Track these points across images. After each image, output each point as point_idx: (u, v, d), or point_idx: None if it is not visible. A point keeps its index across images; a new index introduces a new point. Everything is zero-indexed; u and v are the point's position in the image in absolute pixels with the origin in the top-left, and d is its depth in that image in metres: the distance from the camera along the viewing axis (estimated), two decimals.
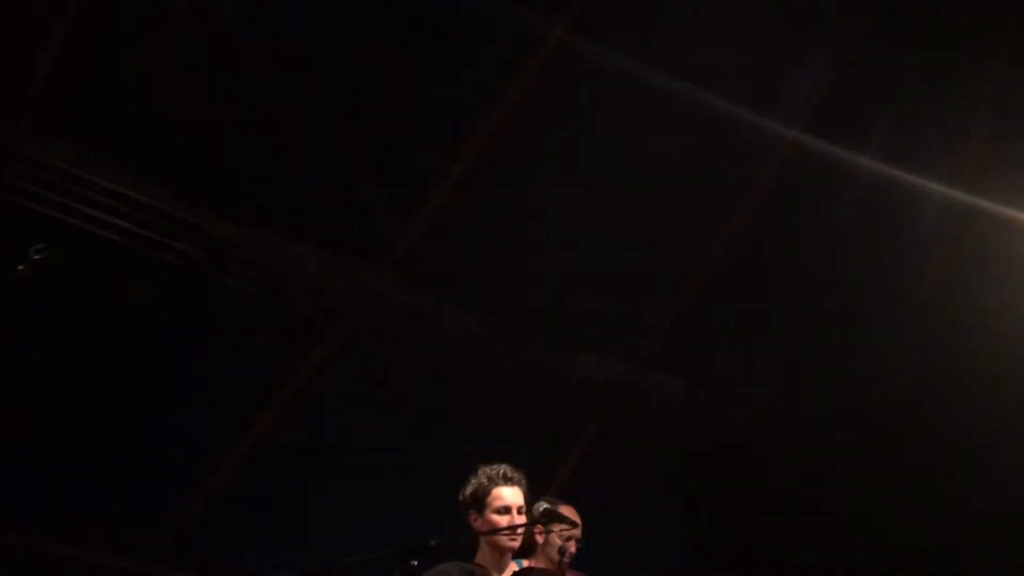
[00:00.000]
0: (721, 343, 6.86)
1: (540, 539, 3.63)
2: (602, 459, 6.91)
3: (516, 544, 3.40)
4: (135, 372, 5.35)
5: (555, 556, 3.75)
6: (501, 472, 3.52)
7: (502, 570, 3.39)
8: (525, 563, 3.52)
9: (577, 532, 4.02)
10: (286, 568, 3.11)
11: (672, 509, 7.01)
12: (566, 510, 3.89)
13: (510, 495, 3.46)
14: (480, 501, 3.47)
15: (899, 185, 6.07)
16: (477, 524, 3.45)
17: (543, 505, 3.46)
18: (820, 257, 6.48)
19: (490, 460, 6.05)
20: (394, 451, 6.04)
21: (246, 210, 5.53)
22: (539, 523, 3.35)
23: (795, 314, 6.59)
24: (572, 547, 3.96)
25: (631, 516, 6.65)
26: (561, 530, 3.67)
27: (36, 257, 4.72)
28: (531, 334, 6.55)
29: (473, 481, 3.54)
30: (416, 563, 2.87)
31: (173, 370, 5.45)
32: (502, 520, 3.40)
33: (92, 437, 5.27)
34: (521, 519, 3.42)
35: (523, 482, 3.53)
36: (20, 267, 4.73)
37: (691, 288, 6.81)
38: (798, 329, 6.56)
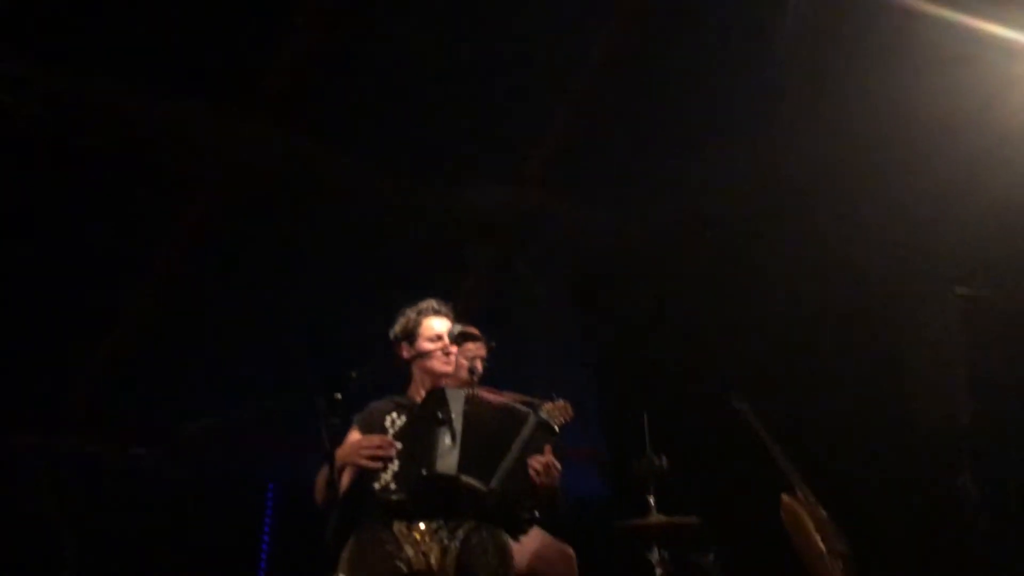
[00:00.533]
0: (604, 160, 6.90)
1: (446, 366, 3.69)
2: (498, 283, 7.00)
3: (450, 369, 3.50)
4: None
5: (465, 375, 3.85)
6: (429, 305, 3.60)
7: (444, 384, 3.49)
8: None
9: (483, 352, 4.13)
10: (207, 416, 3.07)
11: (569, 325, 7.22)
12: (473, 332, 3.99)
13: (440, 324, 3.56)
14: (411, 333, 3.55)
15: None
16: (409, 355, 3.52)
17: (456, 328, 3.52)
18: (699, 70, 6.47)
19: (387, 299, 6.12)
20: (288, 295, 5.98)
21: (94, 60, 5.13)
22: (455, 343, 3.43)
23: (678, 128, 6.64)
24: (479, 365, 4.07)
25: (530, 336, 6.83)
26: (467, 349, 3.78)
27: None
28: (415, 167, 6.44)
29: (401, 318, 3.60)
30: (339, 396, 2.89)
31: (49, 237, 5.17)
32: (435, 347, 3.49)
33: None
34: (453, 347, 3.53)
35: (451, 315, 3.63)
36: None
37: (569, 105, 6.76)
38: (680, 142, 6.63)
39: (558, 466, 3.28)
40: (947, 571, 4.57)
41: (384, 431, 3.27)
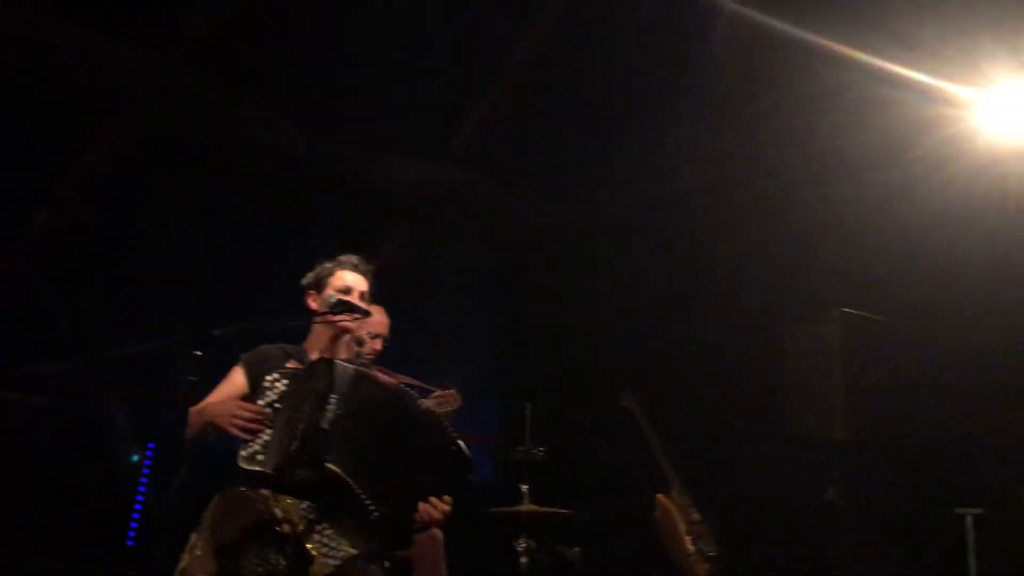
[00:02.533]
0: (527, 144, 6.90)
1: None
2: (411, 259, 6.94)
3: (353, 325, 3.35)
4: None
5: (353, 345, 3.75)
6: (348, 259, 3.47)
7: (330, 354, 3.31)
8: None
9: (383, 330, 4.05)
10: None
11: (479, 306, 7.21)
12: (374, 310, 3.87)
13: (353, 279, 3.42)
14: (321, 282, 3.41)
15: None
16: (315, 305, 3.38)
17: (335, 297, 3.40)
18: (626, 59, 6.50)
19: (298, 261, 6.01)
20: (193, 249, 5.84)
21: None
22: (332, 312, 3.30)
23: (601, 114, 6.66)
24: (378, 344, 4.00)
25: (440, 315, 6.80)
26: (352, 319, 3.60)
27: None
28: (337, 133, 6.34)
29: (317, 267, 3.46)
30: (200, 353, 2.80)
31: None
32: (340, 298, 3.33)
33: None
34: (356, 325, 3.36)
35: (369, 274, 3.49)
36: None
37: (498, 88, 6.74)
38: (603, 129, 6.66)
39: (447, 507, 3.11)
40: None
41: (263, 392, 3.09)
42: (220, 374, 3.24)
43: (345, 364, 3.18)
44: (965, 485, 4.60)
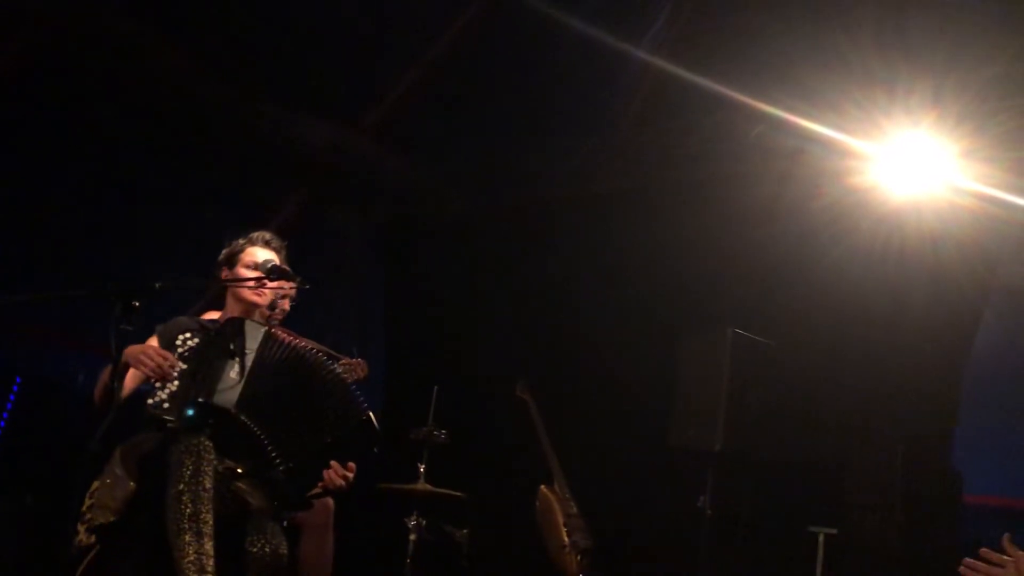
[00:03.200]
0: (445, 126, 6.91)
1: (255, 296, 3.55)
2: (309, 223, 6.85)
3: (262, 300, 3.40)
4: None
5: (266, 311, 3.75)
6: (260, 235, 3.50)
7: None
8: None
9: (292, 291, 4.04)
10: None
11: (375, 280, 7.18)
12: (287, 270, 3.86)
13: (264, 255, 3.45)
14: (233, 257, 3.45)
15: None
16: (226, 277, 3.41)
17: (270, 262, 3.40)
18: (554, 56, 6.60)
19: (199, 214, 5.84)
20: (93, 188, 5.59)
21: None
22: (268, 277, 3.31)
23: (522, 109, 6.74)
24: (286, 304, 3.98)
25: (334, 283, 6.75)
26: (278, 287, 3.64)
27: None
28: (255, 88, 6.19)
29: (231, 242, 3.49)
30: (137, 304, 2.74)
31: None
32: (250, 275, 3.38)
33: None
34: (274, 285, 3.40)
35: (282, 251, 3.52)
36: None
37: (421, 66, 6.72)
38: (522, 124, 6.74)
39: (351, 475, 3.16)
40: None
41: (173, 348, 3.11)
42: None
43: (256, 323, 3.25)
44: (824, 505, 4.95)
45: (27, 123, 5.37)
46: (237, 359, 3.09)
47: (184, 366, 3.06)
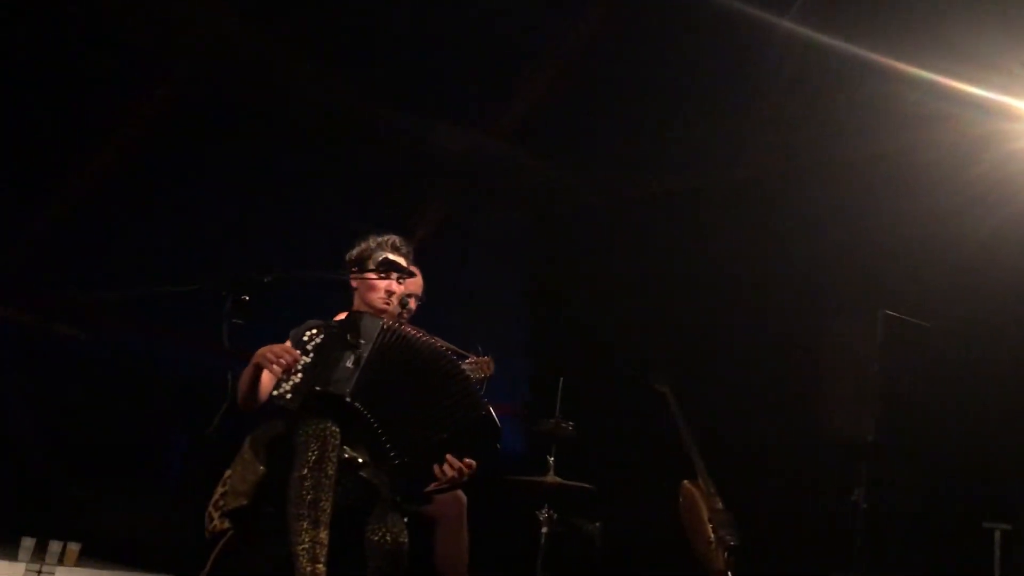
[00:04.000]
0: (579, 123, 6.88)
1: (384, 304, 3.55)
2: (451, 227, 6.98)
3: (388, 308, 3.46)
4: None
5: (395, 309, 3.80)
6: (391, 240, 3.54)
7: None
8: None
9: (418, 290, 4.08)
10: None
11: (516, 279, 7.23)
12: (402, 265, 3.91)
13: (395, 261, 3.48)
14: (363, 262, 3.48)
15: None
16: (355, 283, 3.48)
17: (382, 255, 3.46)
18: (686, 44, 6.45)
19: (342, 220, 6.06)
20: (238, 201, 5.92)
21: None
22: (379, 271, 3.37)
23: (654, 101, 6.62)
24: (412, 303, 4.03)
25: (477, 283, 6.84)
26: (398, 279, 3.66)
27: None
28: (391, 98, 6.38)
29: (361, 243, 3.54)
30: (247, 297, 2.85)
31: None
32: (381, 283, 3.44)
33: None
34: (401, 288, 3.48)
35: (410, 256, 3.57)
36: None
37: (554, 65, 6.72)
38: (655, 116, 6.62)
39: (467, 469, 3.16)
40: None
41: (302, 347, 3.20)
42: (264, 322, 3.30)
43: (377, 317, 3.28)
44: (993, 499, 4.55)
45: (171, 127, 5.72)
46: (353, 350, 3.12)
47: (306, 359, 3.14)
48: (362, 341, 3.15)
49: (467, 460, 3.18)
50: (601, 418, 4.89)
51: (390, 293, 3.45)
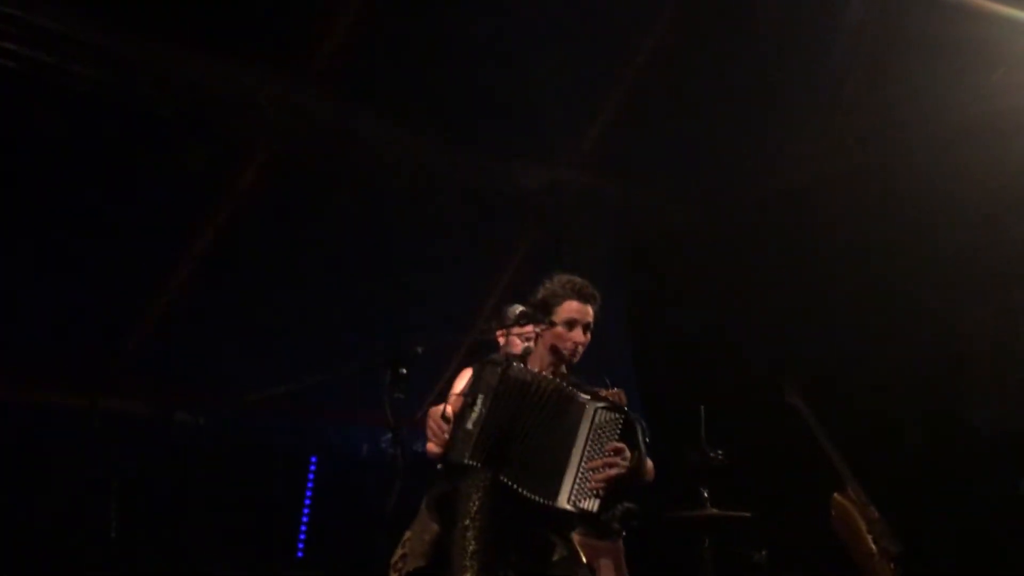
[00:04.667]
0: (655, 141, 6.79)
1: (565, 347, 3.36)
2: (545, 264, 6.92)
3: (575, 358, 3.29)
4: (58, 204, 5.06)
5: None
6: (578, 285, 3.34)
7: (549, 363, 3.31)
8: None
9: (584, 339, 3.95)
10: (262, 385, 3.04)
11: (617, 308, 7.14)
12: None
13: (579, 309, 3.30)
14: (548, 308, 3.30)
15: None
16: (536, 327, 3.32)
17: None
18: (744, 54, 6.36)
19: (440, 272, 6.05)
20: (341, 271, 5.96)
21: (155, 25, 5.09)
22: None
23: (721, 109, 6.52)
24: (579, 352, 3.91)
25: None
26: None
27: None
28: (465, 145, 6.38)
29: (547, 286, 3.35)
30: (405, 371, 2.83)
31: (97, 201, 5.16)
32: (566, 333, 3.27)
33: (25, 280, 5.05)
34: (585, 338, 3.30)
35: (598, 302, 3.37)
36: None
37: (622, 88, 6.66)
38: (725, 123, 6.51)
39: (618, 464, 3.02)
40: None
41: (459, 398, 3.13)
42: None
43: (493, 365, 3.14)
44: None
45: (272, 220, 5.79)
46: (471, 408, 3.03)
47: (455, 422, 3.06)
48: (479, 395, 3.06)
49: (611, 445, 3.05)
50: (739, 442, 4.73)
51: (576, 344, 3.29)
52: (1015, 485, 4.27)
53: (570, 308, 3.29)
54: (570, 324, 3.28)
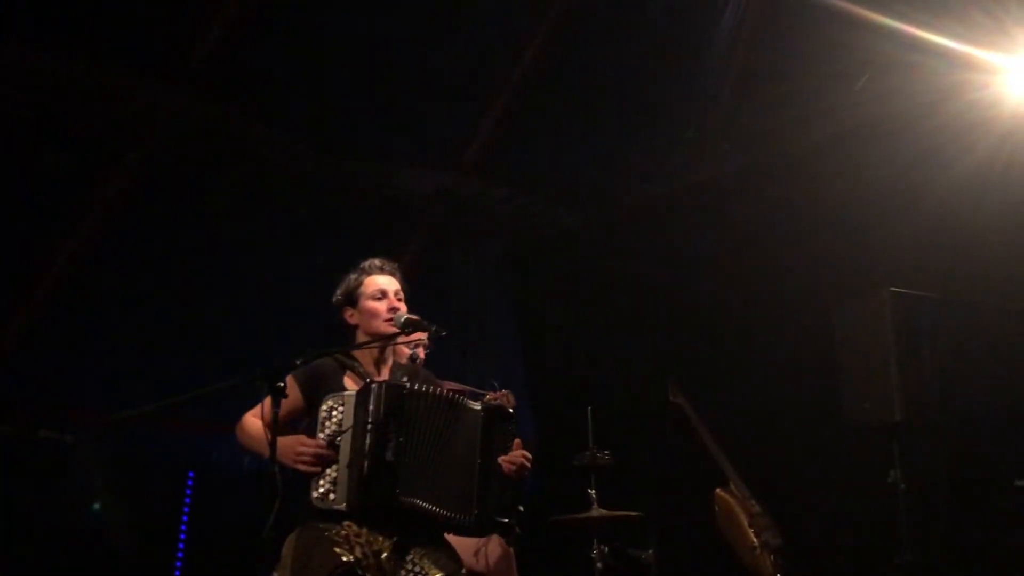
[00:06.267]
0: (539, 147, 6.85)
1: (388, 326, 3.30)
2: (433, 270, 6.89)
3: (394, 328, 3.24)
4: None
5: (406, 362, 3.71)
6: (371, 263, 3.36)
7: (383, 364, 3.28)
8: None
9: (425, 339, 3.98)
10: (138, 405, 2.89)
11: (504, 312, 7.15)
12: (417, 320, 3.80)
13: (384, 281, 3.33)
14: (353, 294, 3.30)
15: None
16: (353, 319, 3.30)
17: (402, 316, 3.32)
18: (631, 55, 6.47)
19: (323, 281, 5.93)
20: (216, 278, 5.76)
21: (17, 27, 4.83)
22: (404, 332, 3.23)
23: (609, 113, 6.62)
24: (421, 353, 3.93)
25: (467, 323, 6.74)
26: (416, 338, 3.58)
27: None
28: (349, 151, 6.28)
29: (344, 279, 3.35)
30: (283, 385, 2.73)
31: None
32: (380, 305, 3.25)
33: None
34: (401, 305, 3.28)
35: (396, 272, 3.38)
36: None
37: (506, 95, 6.68)
38: (613, 127, 6.61)
39: (528, 456, 3.07)
40: (875, 564, 4.65)
41: (321, 423, 3.00)
42: None
43: (393, 385, 3.09)
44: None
45: (143, 227, 5.56)
46: (386, 430, 2.96)
47: (335, 454, 2.98)
48: (390, 421, 2.98)
49: (516, 441, 3.09)
50: (625, 442, 4.79)
51: (393, 310, 3.27)
52: (887, 476, 4.44)
53: (373, 283, 3.31)
54: (381, 295, 3.28)
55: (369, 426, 2.96)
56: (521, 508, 3.09)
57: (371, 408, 2.98)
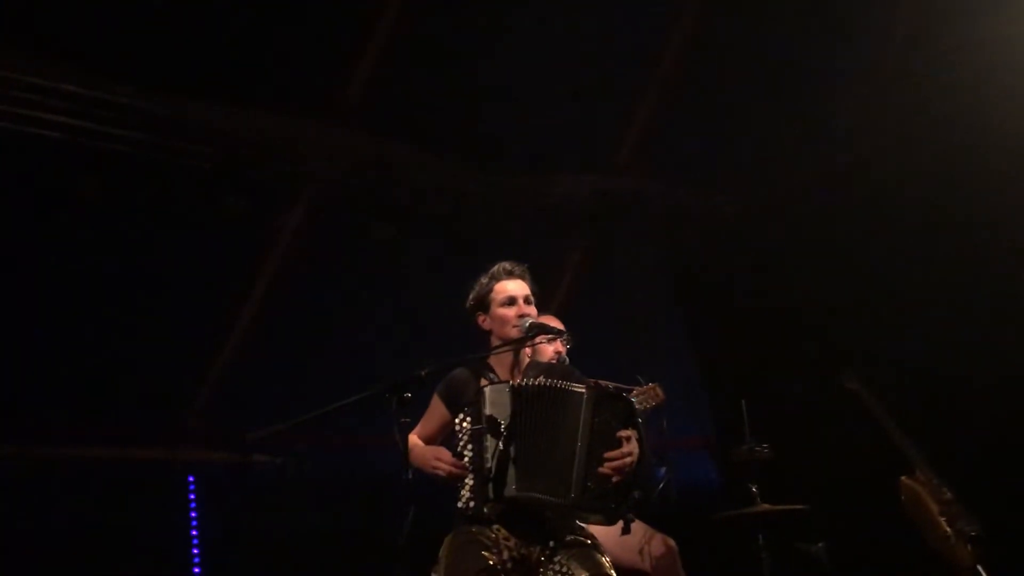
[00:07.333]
0: (691, 139, 6.71)
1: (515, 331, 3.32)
2: (597, 273, 6.90)
3: (518, 333, 3.26)
4: (109, 268, 5.28)
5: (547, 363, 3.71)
6: (501, 268, 3.37)
7: (517, 368, 3.31)
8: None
9: (560, 347, 3.96)
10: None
11: (671, 310, 7.04)
12: (548, 319, 3.82)
13: (513, 287, 3.33)
14: (484, 300, 3.34)
15: None
16: (487, 324, 3.35)
17: (527, 321, 3.35)
18: (777, 41, 6.22)
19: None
20: (387, 303, 6.04)
21: (186, 84, 5.29)
22: (529, 337, 3.26)
23: (758, 98, 6.39)
24: (559, 346, 3.93)
25: (634, 324, 6.69)
26: (549, 339, 3.53)
27: None
28: (502, 165, 6.41)
29: (474, 286, 3.39)
30: (409, 395, 2.85)
31: (145, 261, 5.37)
32: (509, 312, 3.27)
33: (81, 343, 5.26)
34: (531, 309, 3.30)
35: (526, 275, 3.39)
36: None
37: (653, 92, 6.60)
38: (763, 112, 6.37)
39: (631, 452, 2.99)
40: None
41: (458, 437, 3.14)
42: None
43: (499, 385, 3.14)
44: None
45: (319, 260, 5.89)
46: (497, 436, 3.03)
47: (467, 463, 3.08)
48: (500, 420, 3.05)
49: (620, 434, 3.03)
50: (799, 433, 4.59)
51: (522, 316, 3.28)
52: None
53: (503, 289, 3.31)
54: (510, 301, 3.28)
55: (484, 429, 3.04)
56: (636, 495, 3.02)
57: (485, 413, 3.06)
